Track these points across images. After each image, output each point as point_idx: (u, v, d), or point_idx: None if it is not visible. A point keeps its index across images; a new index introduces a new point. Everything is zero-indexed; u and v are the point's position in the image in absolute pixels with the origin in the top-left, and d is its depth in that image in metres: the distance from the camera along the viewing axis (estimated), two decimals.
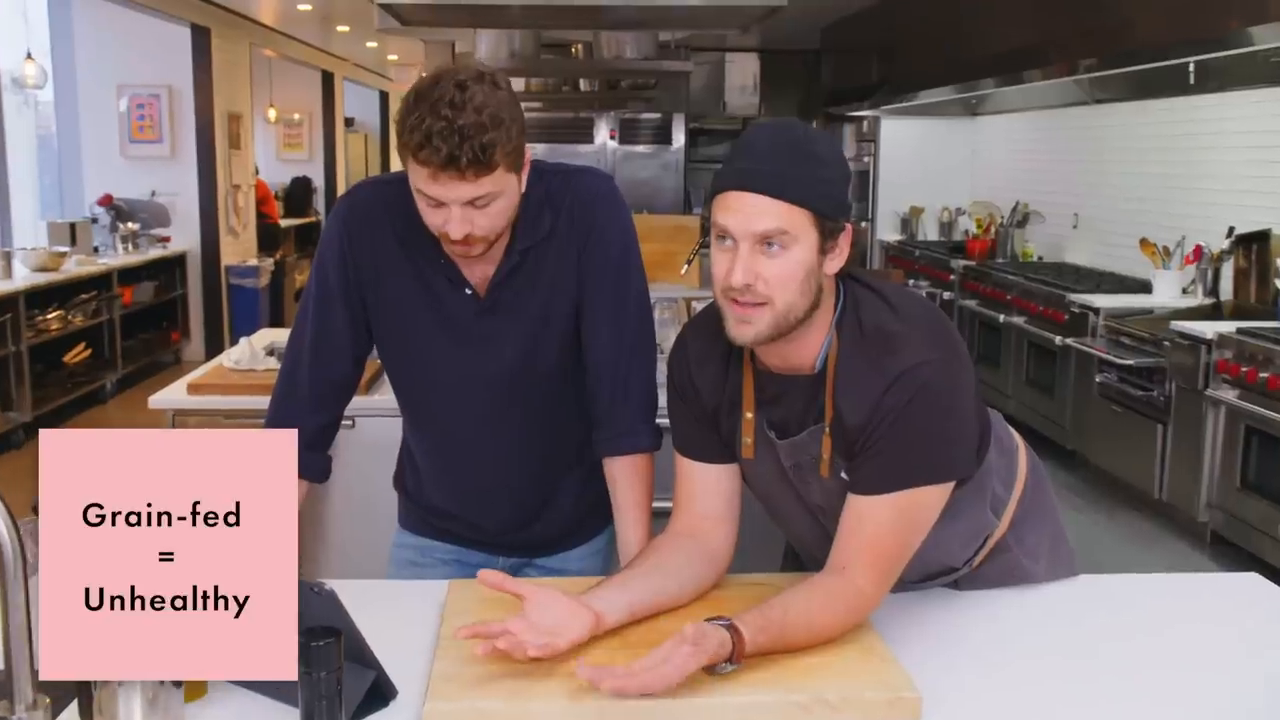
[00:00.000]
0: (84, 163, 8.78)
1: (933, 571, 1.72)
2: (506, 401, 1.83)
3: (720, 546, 1.68)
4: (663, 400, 1.78)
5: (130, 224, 8.20)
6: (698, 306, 4.03)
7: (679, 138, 9.91)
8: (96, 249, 7.92)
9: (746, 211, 1.45)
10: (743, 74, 10.26)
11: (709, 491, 1.68)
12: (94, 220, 8.15)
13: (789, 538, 1.84)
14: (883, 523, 1.51)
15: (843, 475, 1.55)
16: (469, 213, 1.61)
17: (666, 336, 3.55)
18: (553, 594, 1.47)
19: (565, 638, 1.42)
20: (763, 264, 1.46)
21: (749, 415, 1.61)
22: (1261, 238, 5.14)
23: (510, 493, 1.91)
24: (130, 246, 8.12)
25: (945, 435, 1.52)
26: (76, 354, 7.25)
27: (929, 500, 1.53)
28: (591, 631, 1.47)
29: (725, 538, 1.68)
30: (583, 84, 7.69)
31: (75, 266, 7.24)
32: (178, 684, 1.28)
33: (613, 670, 1.32)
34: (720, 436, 1.66)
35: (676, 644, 1.34)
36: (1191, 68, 5.03)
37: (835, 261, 1.51)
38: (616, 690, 1.31)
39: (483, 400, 1.83)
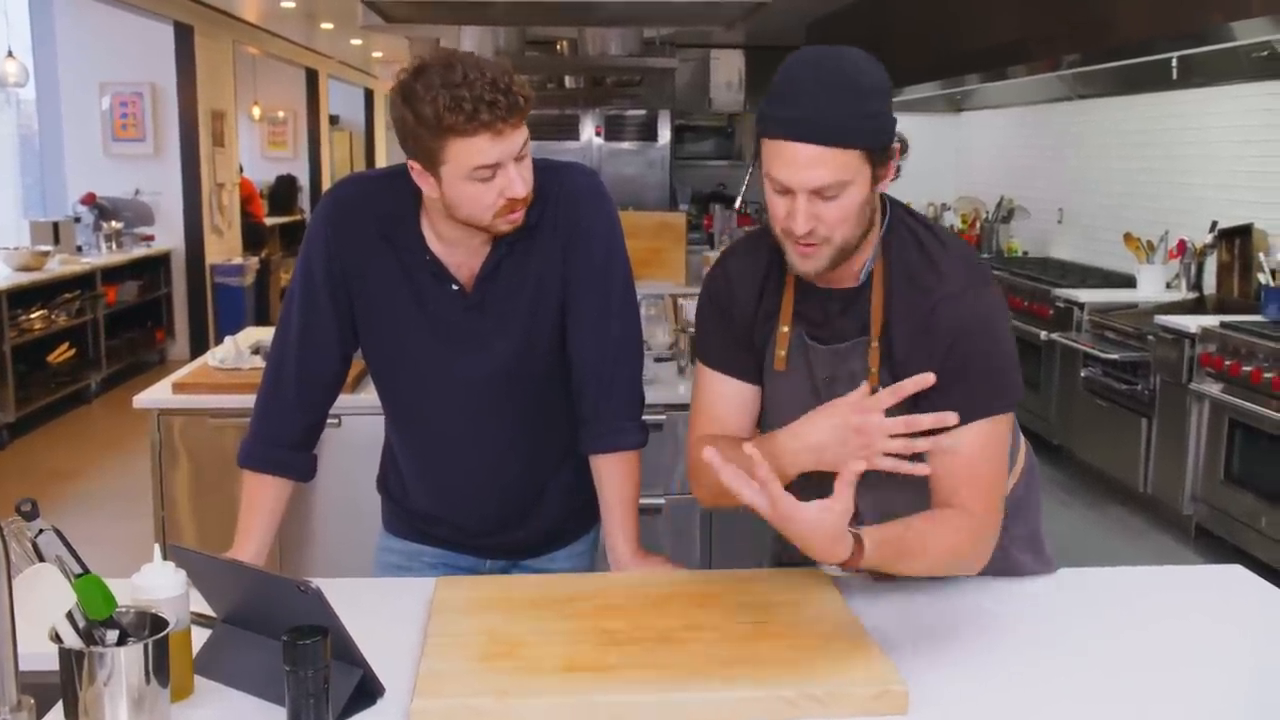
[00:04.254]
0: (66, 161, 8.73)
1: None
2: (494, 399, 1.83)
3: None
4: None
5: (114, 223, 8.16)
6: (684, 304, 4.03)
7: (664, 134, 9.89)
8: (80, 248, 7.88)
9: (800, 164, 1.46)
10: (728, 70, 10.24)
11: (734, 406, 1.71)
12: (77, 219, 8.11)
13: (794, 482, 1.80)
14: (975, 450, 1.55)
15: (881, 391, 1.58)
16: (520, 169, 1.64)
17: (653, 333, 3.56)
18: None
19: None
20: (821, 209, 1.49)
21: (784, 329, 1.64)
22: (1244, 232, 5.17)
23: (498, 493, 1.90)
24: (114, 245, 8.08)
25: (1005, 361, 1.58)
26: (60, 354, 7.21)
27: (1004, 427, 1.58)
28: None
29: None
30: (568, 81, 7.68)
31: (58, 266, 7.21)
32: (164, 684, 1.27)
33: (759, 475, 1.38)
34: (752, 352, 1.69)
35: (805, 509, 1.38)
36: (1174, 63, 5.05)
37: (886, 180, 1.54)
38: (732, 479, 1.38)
39: (470, 398, 1.83)
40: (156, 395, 3.13)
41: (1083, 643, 1.58)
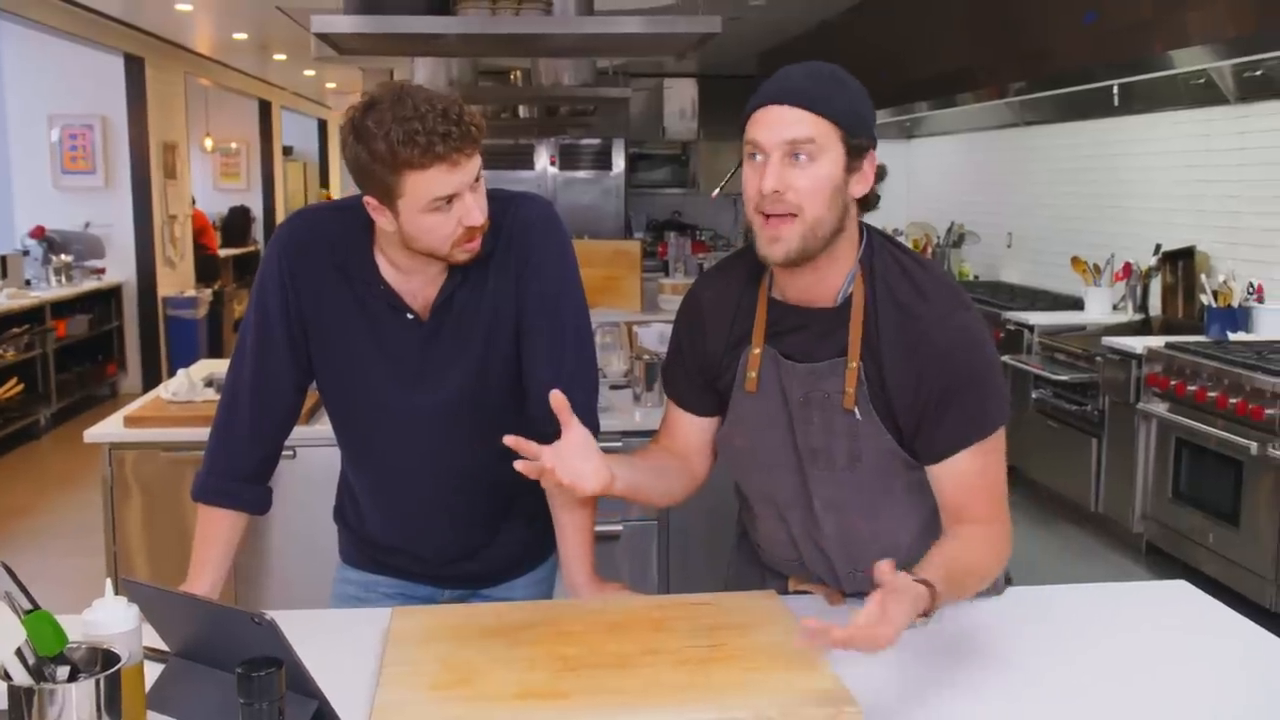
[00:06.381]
0: (14, 194, 8.64)
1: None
2: (450, 429, 1.83)
3: (699, 472, 1.82)
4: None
5: (63, 256, 8.08)
6: (639, 331, 4.05)
7: (619, 163, 9.96)
8: (28, 282, 7.79)
9: (777, 122, 1.54)
10: (681, 99, 10.34)
11: (691, 432, 1.80)
12: (25, 253, 8.02)
13: (757, 502, 1.82)
14: (977, 468, 1.59)
15: (857, 414, 1.61)
16: (475, 197, 1.66)
17: (609, 361, 3.57)
18: (587, 445, 1.56)
19: (587, 484, 1.53)
20: (792, 174, 1.54)
21: (756, 351, 1.67)
22: (1187, 254, 5.28)
23: (454, 523, 1.90)
24: (64, 279, 7.99)
25: (994, 380, 1.62)
26: (8, 389, 7.11)
27: (999, 441, 1.62)
28: (604, 490, 1.56)
29: (702, 468, 1.82)
30: (522, 110, 7.72)
31: (6, 300, 7.12)
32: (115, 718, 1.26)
33: (832, 629, 1.31)
34: (709, 389, 1.75)
35: (890, 602, 1.33)
36: (1115, 90, 5.17)
37: (860, 185, 1.59)
38: (842, 643, 1.31)
39: (426, 428, 1.83)
40: (108, 430, 3.10)
41: (1033, 660, 1.60)
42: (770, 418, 1.68)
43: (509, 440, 1.53)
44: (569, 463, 1.52)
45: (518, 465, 1.53)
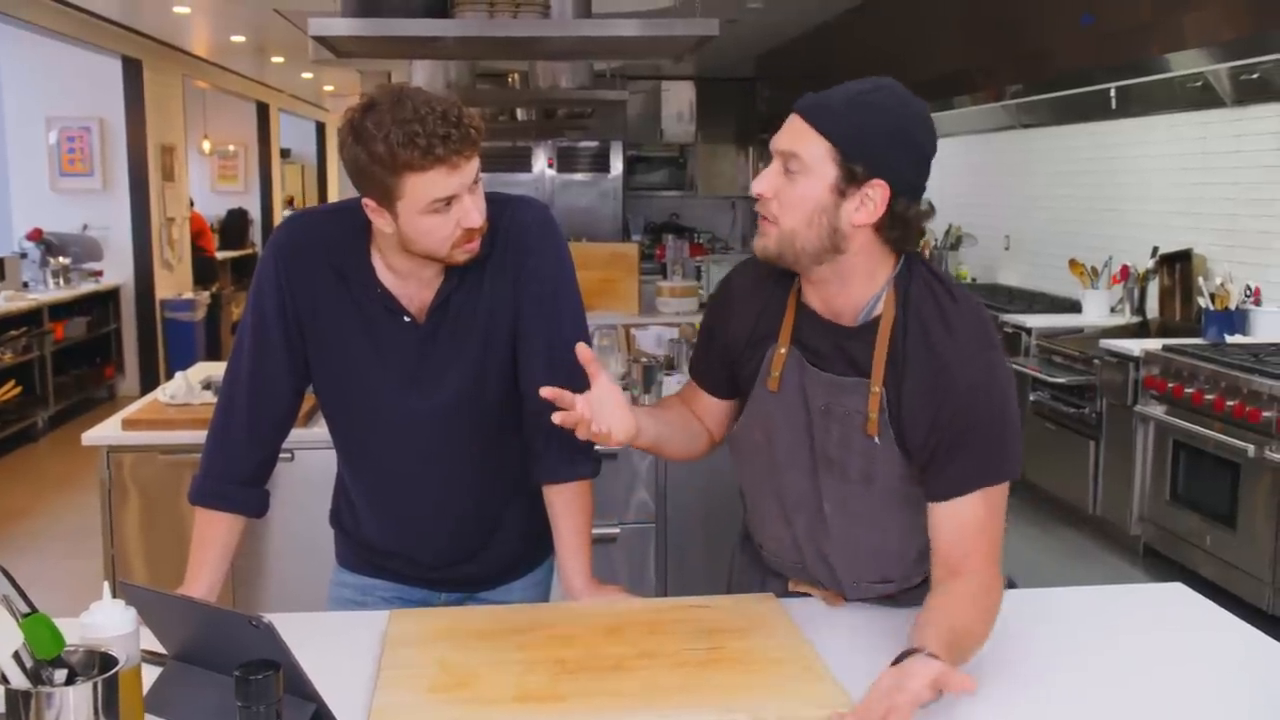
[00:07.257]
0: (11, 197, 8.64)
1: (886, 572, 1.75)
2: (447, 432, 1.83)
3: (715, 437, 1.86)
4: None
5: (61, 258, 8.07)
6: (637, 333, 4.06)
7: (616, 165, 9.96)
8: (26, 284, 7.79)
9: (784, 132, 1.56)
10: (679, 102, 10.35)
11: (709, 408, 1.83)
12: (23, 255, 8.02)
13: (765, 500, 1.80)
14: (982, 517, 1.57)
15: (876, 440, 1.60)
16: (474, 199, 1.66)
17: (606, 363, 3.57)
18: (615, 394, 1.62)
19: (617, 434, 1.60)
20: (781, 183, 1.56)
21: (781, 351, 1.67)
22: (1184, 257, 5.28)
23: (451, 526, 1.90)
24: (61, 281, 7.99)
25: (1009, 430, 1.60)
26: (6, 392, 7.10)
27: (1005, 492, 1.60)
28: (630, 440, 1.64)
29: (718, 434, 1.86)
30: (519, 113, 7.71)
31: (4, 302, 7.12)
32: None
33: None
34: (730, 373, 1.77)
35: (895, 689, 1.32)
36: (1113, 93, 5.17)
37: (860, 213, 1.54)
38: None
39: (423, 431, 1.83)
40: (105, 432, 3.09)
41: (1030, 662, 1.61)
42: (790, 419, 1.68)
43: (545, 393, 1.59)
44: (600, 412, 1.58)
45: (555, 417, 1.58)
